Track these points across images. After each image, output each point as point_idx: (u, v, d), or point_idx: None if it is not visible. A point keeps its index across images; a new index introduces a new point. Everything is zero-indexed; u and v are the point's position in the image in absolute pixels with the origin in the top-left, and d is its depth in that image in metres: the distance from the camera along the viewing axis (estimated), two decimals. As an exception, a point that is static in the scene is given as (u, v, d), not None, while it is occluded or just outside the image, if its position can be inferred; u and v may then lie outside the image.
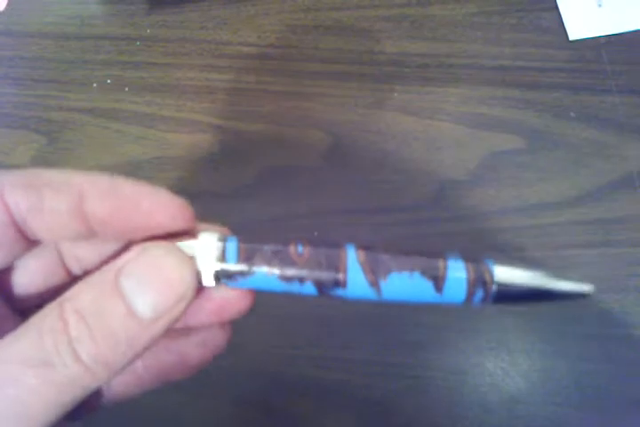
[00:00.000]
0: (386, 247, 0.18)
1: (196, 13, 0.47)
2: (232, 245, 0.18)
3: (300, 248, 0.18)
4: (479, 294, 0.18)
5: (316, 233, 0.38)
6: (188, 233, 0.18)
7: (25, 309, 0.20)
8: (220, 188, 0.40)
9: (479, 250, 0.36)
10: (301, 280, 0.18)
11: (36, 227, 0.17)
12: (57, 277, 0.20)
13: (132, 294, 0.16)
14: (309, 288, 0.18)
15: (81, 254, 0.20)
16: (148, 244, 0.17)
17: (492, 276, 0.18)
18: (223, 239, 0.18)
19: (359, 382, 0.34)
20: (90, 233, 0.18)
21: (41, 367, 0.14)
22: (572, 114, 0.39)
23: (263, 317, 0.36)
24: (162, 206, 0.17)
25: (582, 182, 0.37)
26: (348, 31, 0.44)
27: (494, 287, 0.18)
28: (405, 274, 0.18)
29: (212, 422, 0.35)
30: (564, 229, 0.36)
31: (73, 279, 0.21)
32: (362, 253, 0.18)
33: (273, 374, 0.35)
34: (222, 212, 0.40)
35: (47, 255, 0.20)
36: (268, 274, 0.18)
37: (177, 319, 0.16)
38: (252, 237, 0.18)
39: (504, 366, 0.34)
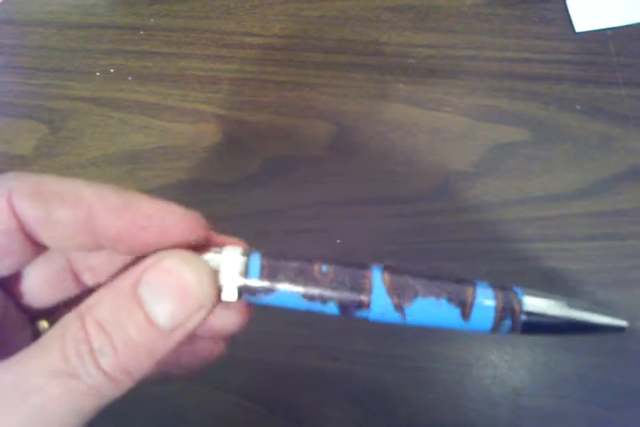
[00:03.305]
0: (413, 271, 0.18)
1: (200, 3, 0.46)
2: (255, 261, 0.18)
3: (325, 268, 0.18)
4: (507, 323, 0.17)
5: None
6: (206, 245, 0.18)
7: (34, 313, 0.20)
8: (223, 178, 0.40)
9: (482, 241, 0.36)
10: (324, 300, 0.18)
11: (44, 235, 0.17)
12: (67, 284, 0.20)
13: (151, 303, 0.16)
14: (332, 308, 0.18)
15: (93, 264, 0.20)
16: (165, 252, 0.17)
17: (520, 305, 0.17)
18: (247, 254, 0.18)
19: (363, 373, 0.34)
20: (99, 246, 0.17)
21: (65, 377, 0.15)
22: (578, 106, 0.39)
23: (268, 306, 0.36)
24: (174, 228, 0.17)
25: (587, 175, 0.37)
26: (353, 21, 0.44)
27: (523, 317, 0.17)
28: (432, 299, 0.17)
29: (214, 412, 0.34)
30: (569, 222, 0.36)
31: (86, 290, 0.21)
32: (387, 276, 0.18)
33: (276, 365, 0.35)
34: (225, 202, 0.39)
35: (57, 261, 0.19)
36: (290, 292, 0.18)
37: (197, 328, 0.16)
38: (275, 252, 0.18)
39: (508, 359, 0.34)
